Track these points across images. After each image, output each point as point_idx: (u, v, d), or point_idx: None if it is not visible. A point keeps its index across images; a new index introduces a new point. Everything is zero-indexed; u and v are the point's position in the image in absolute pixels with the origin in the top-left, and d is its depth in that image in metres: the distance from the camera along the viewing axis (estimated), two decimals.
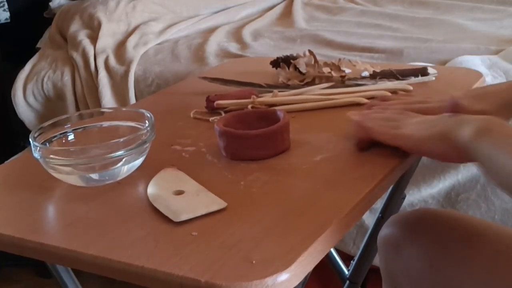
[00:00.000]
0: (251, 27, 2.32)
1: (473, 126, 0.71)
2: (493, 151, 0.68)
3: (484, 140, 0.69)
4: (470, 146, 0.71)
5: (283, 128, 0.86)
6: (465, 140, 0.71)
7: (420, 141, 0.78)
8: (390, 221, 1.02)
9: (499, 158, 0.67)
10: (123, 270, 0.64)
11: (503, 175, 0.67)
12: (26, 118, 2.10)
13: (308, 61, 1.18)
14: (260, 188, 0.77)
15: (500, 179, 0.68)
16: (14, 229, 0.73)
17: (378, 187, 0.76)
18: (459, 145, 0.72)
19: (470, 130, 0.71)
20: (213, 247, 0.64)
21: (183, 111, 1.05)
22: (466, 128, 0.71)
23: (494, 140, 0.69)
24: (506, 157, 0.66)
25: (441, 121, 0.78)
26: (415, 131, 0.80)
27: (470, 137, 0.71)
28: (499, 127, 0.70)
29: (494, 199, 1.46)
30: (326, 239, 0.65)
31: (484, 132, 0.70)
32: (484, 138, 0.69)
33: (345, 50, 1.92)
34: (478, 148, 0.70)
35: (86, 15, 2.28)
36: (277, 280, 0.59)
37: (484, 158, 0.69)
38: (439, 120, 0.78)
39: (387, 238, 1.00)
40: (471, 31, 2.02)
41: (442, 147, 0.75)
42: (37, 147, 0.81)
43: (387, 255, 1.00)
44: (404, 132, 0.81)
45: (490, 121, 0.71)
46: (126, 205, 0.77)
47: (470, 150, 0.71)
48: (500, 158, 0.67)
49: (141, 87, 1.96)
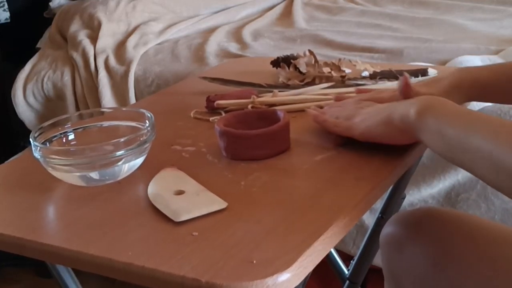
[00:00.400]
0: (251, 27, 2.32)
1: (415, 106, 0.74)
2: (437, 125, 0.71)
3: (427, 117, 0.73)
4: (415, 125, 0.74)
5: (283, 128, 0.86)
6: (409, 120, 0.75)
7: (368, 128, 0.82)
8: (392, 220, 1.02)
9: (443, 131, 0.70)
10: (124, 270, 0.64)
11: (449, 148, 0.70)
12: (26, 118, 2.10)
13: (308, 61, 1.18)
14: (260, 188, 0.77)
15: (446, 152, 0.71)
16: (14, 229, 0.73)
17: (378, 187, 0.76)
18: (405, 125, 0.76)
19: (413, 110, 0.74)
20: (213, 247, 0.64)
21: (183, 111, 1.05)
22: (410, 108, 0.75)
23: (436, 115, 0.72)
24: (449, 130, 0.70)
25: (387, 106, 0.81)
26: (364, 120, 0.83)
27: (413, 116, 0.74)
28: (439, 102, 0.74)
29: (494, 199, 1.46)
30: (327, 239, 0.65)
31: (426, 110, 0.73)
32: (427, 115, 0.73)
33: (345, 50, 1.92)
34: (423, 126, 0.73)
35: (86, 15, 2.28)
36: (278, 280, 0.59)
37: (430, 134, 0.72)
38: (384, 107, 0.82)
39: (389, 237, 1.00)
40: (471, 31, 2.02)
41: (388, 130, 0.79)
42: (38, 147, 0.81)
43: (389, 254, 1.00)
44: (355, 122, 0.84)
45: (431, 99, 0.75)
46: (126, 205, 0.77)
47: (415, 129, 0.74)
48: (444, 130, 0.70)
49: (141, 87, 1.96)
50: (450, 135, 0.70)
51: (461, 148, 0.69)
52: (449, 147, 0.70)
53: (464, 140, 0.68)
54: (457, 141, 0.69)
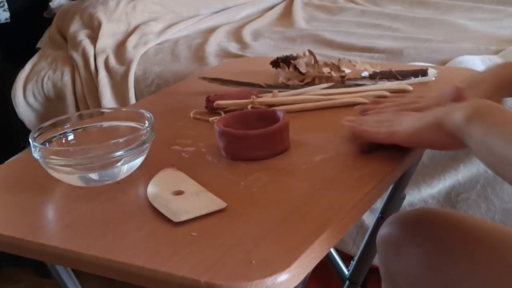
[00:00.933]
0: (251, 27, 2.32)
1: (464, 111, 0.72)
2: (484, 134, 0.69)
3: (475, 123, 0.70)
4: (462, 131, 0.71)
5: (282, 128, 0.86)
6: (458, 125, 0.72)
7: (414, 133, 0.79)
8: (389, 220, 1.02)
9: (489, 141, 0.68)
10: (123, 270, 0.64)
11: (494, 159, 0.68)
12: (26, 118, 2.10)
13: (308, 61, 1.18)
14: (260, 188, 0.77)
15: (492, 163, 0.69)
16: (13, 229, 0.73)
17: (378, 187, 0.76)
18: (453, 131, 0.73)
19: (462, 115, 0.71)
20: (213, 247, 0.64)
21: (183, 111, 1.05)
22: (458, 113, 0.72)
23: (484, 123, 0.70)
24: (495, 140, 0.67)
25: (432, 112, 0.78)
26: (408, 125, 0.80)
27: (462, 121, 0.71)
28: (490, 109, 0.71)
29: (494, 199, 1.46)
30: (326, 239, 0.65)
31: (475, 116, 0.70)
32: (475, 121, 0.70)
33: (345, 50, 1.92)
34: (470, 132, 0.70)
35: (86, 15, 2.28)
36: (277, 280, 0.59)
37: (476, 142, 0.70)
38: (430, 112, 0.79)
39: (386, 237, 1.00)
40: (471, 31, 2.02)
41: (437, 135, 0.76)
42: (37, 148, 0.81)
43: (386, 255, 1.00)
44: (398, 129, 0.82)
45: (480, 104, 0.72)
46: (126, 205, 0.77)
47: (463, 135, 0.72)
48: (490, 140, 0.68)
49: (141, 87, 1.96)
50: (494, 144, 0.67)
51: (504, 160, 0.66)
52: (494, 158, 0.67)
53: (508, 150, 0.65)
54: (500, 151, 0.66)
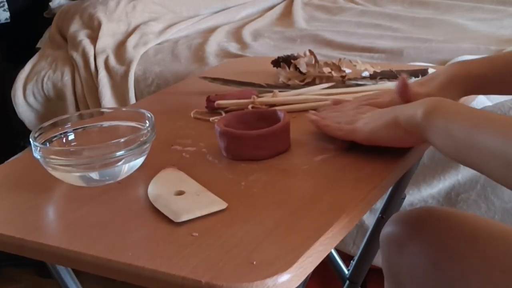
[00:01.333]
0: (251, 27, 2.32)
1: (422, 107, 0.74)
2: (445, 125, 0.71)
3: (435, 117, 0.73)
4: (422, 126, 0.74)
5: (283, 128, 0.86)
6: (416, 121, 0.74)
7: (373, 131, 0.81)
8: (393, 219, 1.02)
9: (451, 131, 0.70)
10: (124, 270, 0.64)
11: (458, 147, 0.70)
12: (26, 118, 2.10)
13: (309, 61, 1.18)
14: (260, 189, 0.77)
15: (455, 151, 0.71)
16: (14, 229, 0.73)
17: (378, 187, 0.76)
18: (412, 127, 0.76)
19: (420, 111, 0.74)
20: (213, 247, 0.64)
21: (183, 111, 1.05)
22: (417, 110, 0.75)
23: (444, 116, 0.72)
24: (458, 128, 0.70)
25: (391, 110, 0.81)
26: (367, 123, 0.82)
27: (421, 117, 0.74)
28: (446, 103, 0.74)
29: (494, 199, 1.46)
30: (327, 239, 0.65)
31: (433, 110, 0.73)
32: (434, 116, 0.73)
33: (345, 50, 1.92)
34: (430, 126, 0.73)
35: (86, 15, 2.28)
36: (278, 281, 0.59)
37: (438, 134, 0.72)
38: (387, 110, 0.81)
39: (390, 236, 1.00)
40: (471, 31, 2.02)
41: (394, 133, 0.79)
42: (38, 147, 0.80)
43: (389, 254, 1.00)
44: (358, 126, 0.83)
45: (436, 100, 0.75)
46: (126, 205, 0.77)
47: (422, 130, 0.74)
48: (452, 130, 0.70)
49: (141, 87, 1.96)
50: (459, 134, 0.70)
51: (470, 147, 0.68)
52: (458, 146, 0.70)
53: (473, 138, 0.68)
54: (466, 140, 0.69)
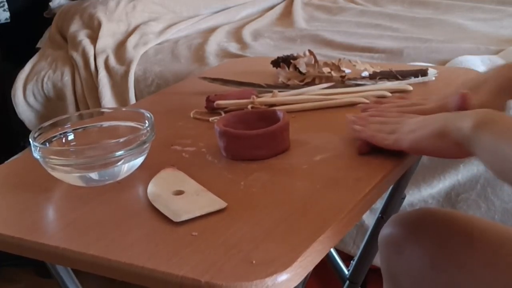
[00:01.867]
0: (251, 27, 2.32)
1: (472, 120, 0.71)
2: (494, 142, 0.68)
3: (484, 132, 0.69)
4: (470, 140, 0.71)
5: (283, 128, 0.86)
6: (465, 134, 0.71)
7: (419, 141, 0.78)
8: (391, 220, 1.02)
9: (500, 149, 0.67)
10: (123, 270, 0.64)
11: (505, 166, 0.67)
12: (26, 118, 2.10)
13: (308, 61, 1.18)
14: (260, 188, 0.77)
15: (503, 170, 0.68)
16: (14, 229, 0.73)
17: (378, 187, 0.76)
18: (459, 140, 0.72)
19: (469, 123, 0.71)
20: (213, 247, 0.64)
21: (183, 111, 1.05)
22: (465, 122, 0.72)
23: (493, 131, 0.69)
24: (507, 147, 0.66)
25: (437, 118, 0.78)
26: (413, 132, 0.80)
27: (469, 130, 0.71)
28: (497, 118, 0.71)
29: (494, 199, 1.46)
30: (326, 239, 0.65)
31: (483, 125, 0.70)
32: (483, 130, 0.70)
33: (345, 50, 1.92)
34: (478, 141, 0.70)
35: (86, 15, 2.28)
36: (277, 280, 0.59)
37: (485, 150, 0.69)
38: (435, 118, 0.78)
39: (388, 237, 1.00)
40: (471, 31, 2.02)
41: (441, 144, 0.75)
42: (37, 147, 0.81)
43: (388, 255, 1.00)
44: (403, 134, 0.81)
45: (487, 113, 0.72)
46: (126, 205, 0.77)
47: (470, 143, 0.71)
48: (501, 148, 0.67)
49: (141, 87, 1.96)
50: (506, 152, 0.66)
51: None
52: (505, 164, 0.67)
53: None
54: None
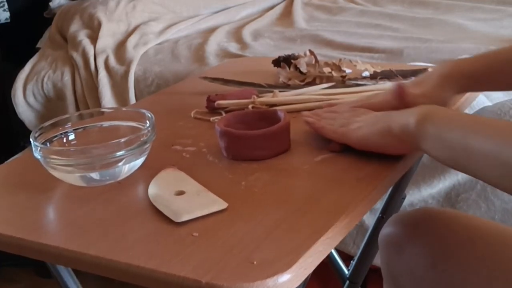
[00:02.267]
0: (251, 27, 2.32)
1: (414, 116, 0.75)
2: (438, 133, 0.72)
3: (427, 126, 0.74)
4: (415, 135, 0.75)
5: (283, 128, 0.86)
6: (409, 131, 0.75)
7: (366, 137, 0.82)
8: (391, 220, 1.02)
9: (444, 138, 0.71)
10: (124, 270, 0.64)
11: (451, 153, 0.71)
12: (26, 118, 2.10)
13: (309, 61, 1.17)
14: (261, 189, 0.77)
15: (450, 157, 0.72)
16: (14, 229, 0.73)
17: (378, 187, 0.76)
18: (403, 137, 0.77)
19: (412, 120, 0.75)
20: (214, 247, 0.64)
21: (184, 111, 1.05)
22: (409, 118, 0.76)
23: (435, 123, 0.73)
24: (450, 135, 0.71)
25: (384, 116, 0.82)
26: (361, 128, 0.83)
27: (413, 127, 0.75)
28: (437, 110, 0.75)
29: (494, 199, 1.46)
30: (327, 240, 0.65)
31: (425, 119, 0.74)
32: (426, 124, 0.74)
33: (345, 50, 1.92)
34: (423, 135, 0.74)
35: (86, 15, 2.28)
36: (278, 281, 0.59)
37: (431, 142, 0.73)
38: (382, 115, 0.82)
39: (389, 237, 1.00)
40: (471, 31, 2.02)
41: (387, 140, 0.80)
42: (38, 147, 0.80)
43: (388, 255, 1.00)
44: (351, 129, 0.84)
45: (428, 108, 0.76)
46: (126, 205, 0.77)
47: (416, 137, 0.75)
48: (445, 137, 0.71)
49: (141, 87, 1.96)
50: (452, 140, 0.70)
51: (464, 152, 0.69)
52: (452, 152, 0.71)
53: (466, 143, 0.68)
54: (459, 145, 0.69)
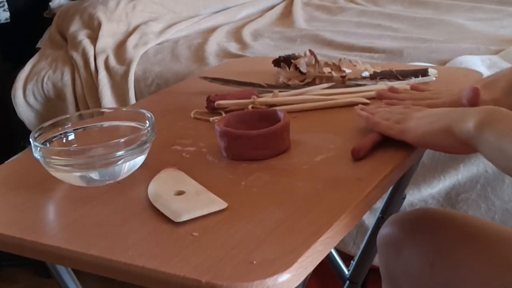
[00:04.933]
0: (251, 27, 2.32)
1: (475, 118, 0.72)
2: (498, 141, 0.69)
3: (488, 131, 0.70)
4: (474, 139, 0.72)
5: (283, 128, 0.86)
6: (469, 133, 0.72)
7: (424, 135, 0.79)
8: (390, 221, 1.02)
9: (504, 147, 0.68)
10: (124, 270, 0.64)
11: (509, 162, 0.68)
12: (26, 118, 2.10)
13: (309, 61, 1.17)
14: (260, 188, 0.77)
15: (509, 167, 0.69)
16: (14, 229, 0.73)
17: (378, 187, 0.76)
18: (463, 138, 0.73)
19: (473, 122, 0.72)
20: (214, 247, 0.64)
21: (184, 111, 1.05)
22: (469, 121, 0.72)
23: (497, 130, 0.70)
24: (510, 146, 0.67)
25: (444, 114, 0.78)
26: (419, 125, 0.80)
27: (473, 129, 0.72)
28: (501, 116, 0.71)
29: (494, 199, 1.46)
30: (327, 239, 0.65)
31: (487, 123, 0.71)
32: (487, 129, 0.70)
33: (345, 50, 1.92)
34: (482, 140, 0.71)
35: (86, 15, 2.28)
36: (278, 281, 0.59)
37: (490, 149, 0.70)
38: (442, 114, 0.79)
39: (387, 238, 1.00)
40: (471, 31, 2.02)
41: (446, 140, 0.76)
42: (38, 147, 0.81)
43: (387, 255, 1.00)
44: (409, 126, 0.82)
45: (492, 111, 0.72)
46: (126, 205, 0.77)
47: (475, 142, 0.72)
48: (505, 146, 0.68)
49: (141, 87, 1.96)
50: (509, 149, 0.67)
51: None
52: (510, 164, 0.68)
53: None
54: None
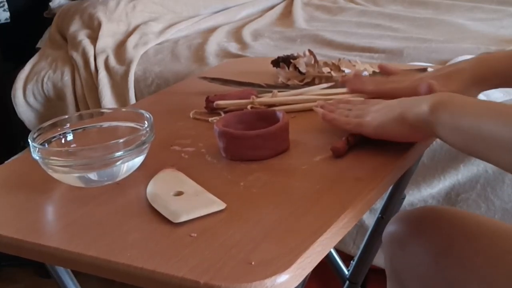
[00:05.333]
0: (251, 27, 2.32)
1: (429, 102, 0.76)
2: (453, 119, 0.73)
3: (442, 112, 0.74)
4: (430, 122, 0.75)
5: (282, 128, 0.86)
6: (423, 118, 0.76)
7: (380, 126, 0.82)
8: (395, 218, 1.02)
9: (459, 125, 0.72)
10: (122, 271, 0.64)
11: (465, 139, 0.72)
12: (26, 118, 2.10)
13: (308, 61, 1.17)
14: (259, 189, 0.76)
15: (466, 144, 0.73)
16: (13, 230, 0.73)
17: (378, 187, 0.76)
18: (418, 124, 0.77)
19: (427, 105, 0.75)
20: (212, 248, 0.64)
21: (183, 111, 1.05)
22: (423, 105, 0.76)
23: (450, 110, 0.74)
24: (465, 122, 0.71)
25: (397, 104, 0.82)
26: (375, 118, 0.83)
27: (427, 114, 0.75)
28: (452, 97, 0.76)
29: (494, 199, 1.46)
30: (326, 240, 0.65)
31: (439, 106, 0.75)
32: (440, 111, 0.74)
33: (345, 50, 1.92)
34: (438, 122, 0.74)
35: (86, 15, 2.28)
36: (277, 282, 0.59)
37: (446, 129, 0.74)
38: (396, 104, 0.82)
39: (392, 235, 1.00)
40: (471, 31, 2.02)
41: (401, 128, 0.80)
42: (36, 148, 0.80)
43: (392, 252, 1.00)
44: (365, 120, 0.84)
45: (444, 94, 0.77)
46: (125, 206, 0.77)
47: (430, 124, 0.75)
48: (460, 124, 0.72)
49: (141, 87, 1.96)
50: (465, 126, 0.71)
51: (477, 138, 0.70)
52: (465, 138, 0.72)
53: (479, 129, 0.69)
54: (472, 130, 0.70)
